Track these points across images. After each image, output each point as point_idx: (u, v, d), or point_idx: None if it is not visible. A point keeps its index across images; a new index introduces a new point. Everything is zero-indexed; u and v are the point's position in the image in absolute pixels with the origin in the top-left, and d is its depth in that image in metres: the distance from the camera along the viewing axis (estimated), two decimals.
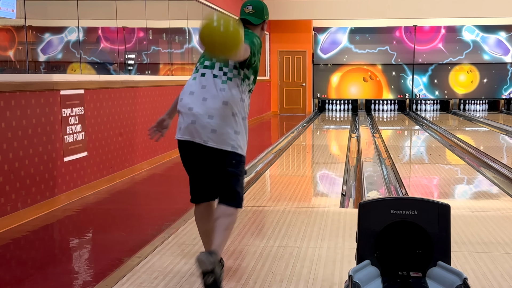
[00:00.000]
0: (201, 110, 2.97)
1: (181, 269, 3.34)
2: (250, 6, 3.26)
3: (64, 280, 3.37)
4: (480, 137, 11.36)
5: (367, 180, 6.28)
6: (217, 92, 2.98)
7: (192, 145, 3.06)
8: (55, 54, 6.09)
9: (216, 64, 3.05)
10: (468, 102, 17.78)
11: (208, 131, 2.96)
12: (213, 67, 3.05)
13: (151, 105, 7.30)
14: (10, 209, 4.43)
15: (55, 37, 6.03)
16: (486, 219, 4.49)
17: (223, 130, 2.98)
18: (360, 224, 2.28)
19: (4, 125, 4.37)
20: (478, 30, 16.96)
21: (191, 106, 3.00)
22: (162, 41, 8.70)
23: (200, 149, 3.04)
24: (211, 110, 2.96)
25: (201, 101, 2.99)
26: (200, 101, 2.99)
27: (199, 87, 3.03)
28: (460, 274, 2.12)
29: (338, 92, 17.64)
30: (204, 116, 2.96)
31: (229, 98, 2.98)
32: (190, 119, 2.99)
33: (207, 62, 3.08)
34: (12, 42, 5.21)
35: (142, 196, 5.89)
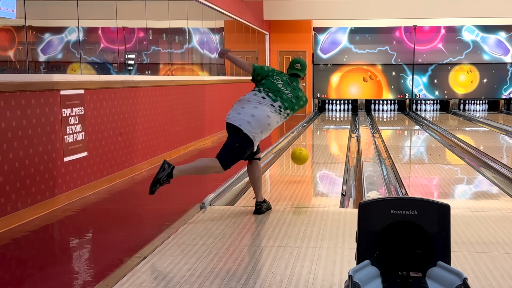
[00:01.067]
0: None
1: (181, 269, 3.35)
2: (299, 64, 4.75)
3: (64, 280, 3.37)
4: (480, 137, 11.36)
5: (367, 180, 6.29)
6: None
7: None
8: (55, 54, 6.09)
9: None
10: (468, 102, 17.78)
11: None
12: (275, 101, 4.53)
13: (151, 105, 7.30)
14: (10, 209, 4.43)
15: (55, 37, 6.03)
16: (486, 219, 4.50)
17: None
18: (360, 224, 2.29)
19: (4, 125, 4.37)
20: (478, 30, 16.97)
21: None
22: (162, 41, 8.70)
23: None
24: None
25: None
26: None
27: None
28: (460, 274, 2.12)
29: (338, 92, 17.64)
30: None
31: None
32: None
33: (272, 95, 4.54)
34: (12, 42, 5.20)
35: (142, 196, 5.89)
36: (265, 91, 4.52)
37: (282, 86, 4.58)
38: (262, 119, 4.40)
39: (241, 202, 5.26)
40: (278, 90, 4.54)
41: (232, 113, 4.47)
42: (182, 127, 8.51)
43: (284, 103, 4.51)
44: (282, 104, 4.50)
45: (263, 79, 4.65)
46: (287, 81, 4.63)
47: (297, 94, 4.61)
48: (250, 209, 4.80)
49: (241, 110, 4.44)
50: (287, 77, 4.67)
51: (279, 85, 4.58)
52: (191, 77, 9.72)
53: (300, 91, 4.66)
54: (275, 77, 4.64)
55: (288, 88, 4.58)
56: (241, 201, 5.29)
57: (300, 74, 4.72)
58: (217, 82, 11.11)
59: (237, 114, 4.43)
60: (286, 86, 4.59)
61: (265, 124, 4.41)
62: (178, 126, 8.35)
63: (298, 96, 4.61)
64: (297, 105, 4.59)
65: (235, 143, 4.39)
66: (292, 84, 4.63)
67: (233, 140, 4.41)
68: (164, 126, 7.79)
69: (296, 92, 4.61)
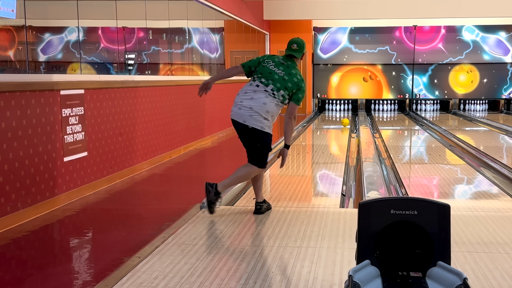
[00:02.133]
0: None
1: (181, 269, 3.34)
2: (295, 44, 4.56)
3: (64, 280, 3.38)
4: (480, 137, 11.36)
5: (367, 180, 6.28)
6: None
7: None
8: (55, 54, 6.09)
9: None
10: (468, 102, 17.78)
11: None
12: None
13: (151, 105, 7.30)
14: (10, 209, 4.43)
15: (55, 37, 6.03)
16: (486, 219, 4.49)
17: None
18: (360, 224, 2.28)
19: (4, 125, 4.37)
20: (478, 30, 16.97)
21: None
22: (162, 41, 8.70)
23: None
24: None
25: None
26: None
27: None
28: (460, 274, 2.12)
29: (338, 92, 17.64)
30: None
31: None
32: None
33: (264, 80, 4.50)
34: (12, 42, 5.20)
35: (142, 196, 5.89)
36: (258, 78, 4.49)
37: (274, 67, 4.49)
38: (259, 108, 4.39)
39: (241, 202, 5.25)
40: (269, 72, 4.48)
41: (234, 109, 4.51)
42: (182, 127, 8.51)
43: (276, 84, 4.43)
44: (274, 85, 4.42)
45: (256, 67, 4.59)
46: (280, 61, 4.54)
47: (289, 71, 4.48)
48: (250, 209, 4.80)
49: (240, 105, 4.46)
50: (280, 58, 4.58)
51: (271, 67, 4.50)
52: (191, 77, 9.72)
53: (293, 69, 4.52)
54: (266, 61, 4.56)
55: (280, 68, 4.49)
56: (241, 201, 5.29)
57: (296, 54, 4.57)
58: (217, 82, 11.09)
59: (238, 110, 4.46)
60: (279, 66, 4.51)
61: (264, 111, 4.40)
62: (178, 126, 8.35)
63: (291, 73, 4.47)
64: (290, 82, 4.44)
65: (256, 143, 4.46)
66: (285, 64, 4.52)
67: (252, 142, 4.47)
68: (164, 126, 7.79)
69: (289, 69, 4.49)
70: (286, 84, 4.45)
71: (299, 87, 4.48)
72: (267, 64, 4.53)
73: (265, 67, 4.52)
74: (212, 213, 4.50)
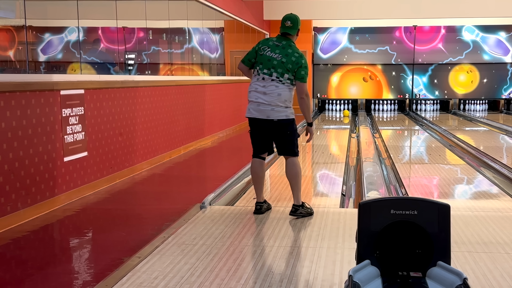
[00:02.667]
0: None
1: (181, 269, 3.35)
2: (289, 21, 4.51)
3: (64, 280, 3.37)
4: (480, 137, 11.36)
5: (367, 180, 6.28)
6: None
7: None
8: (55, 54, 6.09)
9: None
10: (468, 102, 17.78)
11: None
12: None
13: (151, 105, 7.30)
14: (10, 209, 4.43)
15: (55, 37, 6.03)
16: (486, 219, 4.50)
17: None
18: (360, 224, 2.28)
19: (4, 125, 4.37)
20: (478, 30, 16.97)
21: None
22: (162, 41, 8.70)
23: None
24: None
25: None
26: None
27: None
28: (460, 274, 2.12)
29: (338, 92, 17.64)
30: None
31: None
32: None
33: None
34: (12, 42, 5.20)
35: (142, 196, 5.89)
36: (260, 70, 4.46)
37: (270, 53, 4.44)
38: (276, 100, 4.41)
39: (241, 202, 5.26)
40: (268, 60, 4.44)
41: (252, 107, 4.49)
42: (182, 127, 8.51)
43: (277, 69, 4.41)
44: (277, 72, 4.41)
45: (255, 58, 4.54)
46: (274, 44, 4.48)
47: (286, 52, 4.43)
48: (250, 209, 4.80)
49: (258, 102, 4.45)
50: (274, 40, 4.51)
51: (268, 53, 4.45)
52: (191, 77, 9.73)
53: (289, 48, 4.45)
54: (262, 48, 4.50)
55: (276, 51, 4.43)
56: (241, 201, 5.29)
57: (290, 31, 4.51)
58: (217, 82, 11.11)
59: (257, 107, 4.46)
60: (275, 50, 4.44)
61: (282, 101, 4.43)
62: (178, 126, 8.35)
63: (288, 53, 4.41)
64: (289, 63, 4.39)
65: (285, 133, 4.51)
66: (280, 45, 4.46)
67: (281, 134, 4.51)
68: (164, 126, 7.79)
69: (285, 50, 4.43)
70: (287, 66, 4.40)
71: (299, 65, 4.42)
72: (264, 52, 4.47)
73: (263, 55, 4.47)
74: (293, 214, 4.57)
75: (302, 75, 4.44)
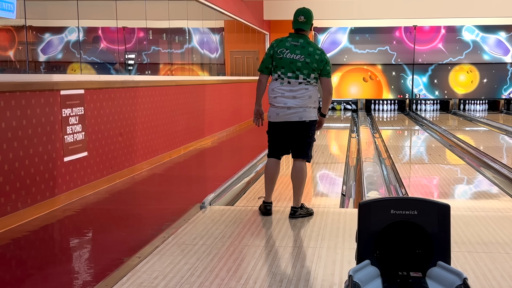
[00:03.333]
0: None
1: (181, 269, 3.35)
2: (302, 16, 4.36)
3: (64, 280, 3.37)
4: (480, 137, 11.36)
5: (367, 180, 6.28)
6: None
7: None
8: (55, 54, 6.09)
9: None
10: (468, 102, 17.79)
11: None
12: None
13: (151, 105, 7.30)
14: (10, 209, 4.43)
15: (55, 37, 6.04)
16: (486, 219, 4.49)
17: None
18: (360, 224, 2.28)
19: (4, 125, 4.37)
20: (478, 30, 16.97)
21: None
22: (162, 41, 8.70)
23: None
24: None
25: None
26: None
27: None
28: (460, 274, 2.12)
29: (338, 92, 17.64)
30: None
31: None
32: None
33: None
34: (12, 42, 5.21)
35: (142, 196, 5.89)
36: (283, 74, 4.32)
37: (290, 54, 4.30)
38: (308, 102, 4.35)
39: (241, 202, 5.26)
40: (290, 62, 4.30)
41: (280, 112, 4.37)
42: (182, 127, 8.51)
43: (303, 71, 4.29)
44: (303, 73, 4.29)
45: (272, 62, 4.39)
46: (292, 45, 4.33)
47: (307, 51, 4.30)
48: (250, 209, 4.80)
49: (287, 107, 4.34)
50: (290, 41, 4.36)
51: (288, 55, 4.30)
52: (191, 77, 9.73)
53: (310, 46, 4.33)
54: (279, 51, 4.34)
55: (296, 52, 4.30)
56: (241, 201, 5.29)
57: (304, 27, 4.36)
58: (217, 82, 11.11)
59: (287, 111, 4.35)
60: (294, 51, 4.30)
61: (312, 102, 4.38)
62: (178, 126, 8.35)
63: (310, 53, 4.29)
64: (313, 62, 4.29)
65: (308, 134, 4.43)
66: (298, 44, 4.32)
67: (305, 135, 4.42)
68: (164, 126, 7.79)
69: (305, 50, 4.30)
70: (312, 66, 4.30)
71: (325, 61, 4.35)
72: (283, 55, 4.32)
73: (283, 59, 4.32)
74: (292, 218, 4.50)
75: (328, 70, 4.37)
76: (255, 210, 4.81)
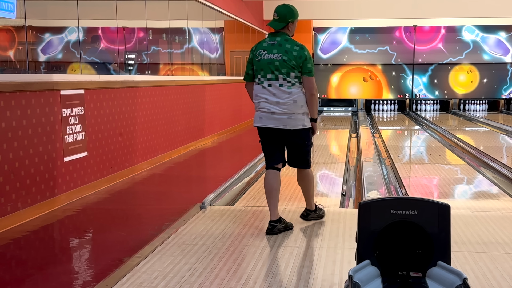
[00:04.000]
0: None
1: (181, 269, 3.35)
2: (276, 13, 4.05)
3: (64, 280, 3.37)
4: (480, 137, 11.36)
5: (367, 180, 6.28)
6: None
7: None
8: (55, 54, 6.09)
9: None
10: (468, 102, 17.79)
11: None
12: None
13: (151, 105, 7.30)
14: (10, 209, 4.43)
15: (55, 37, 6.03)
16: (486, 219, 4.49)
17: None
18: (360, 224, 2.28)
19: (4, 125, 4.37)
20: (478, 30, 16.97)
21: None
22: (162, 41, 8.70)
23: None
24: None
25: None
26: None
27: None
28: (460, 274, 2.12)
29: (338, 92, 17.64)
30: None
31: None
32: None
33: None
34: (12, 42, 5.21)
35: (142, 196, 5.89)
36: (263, 77, 4.02)
37: (268, 55, 3.99)
38: (293, 107, 3.98)
39: (241, 202, 5.26)
40: (268, 63, 3.98)
41: (264, 116, 4.06)
42: (182, 127, 8.51)
43: (282, 70, 3.96)
44: (282, 73, 3.96)
45: (253, 67, 4.10)
46: (269, 44, 4.03)
47: (284, 49, 3.97)
48: (250, 209, 4.80)
49: (270, 112, 4.02)
50: (267, 40, 4.06)
51: (265, 56, 4.00)
52: (191, 77, 9.73)
53: (287, 43, 4.00)
54: (257, 54, 4.05)
55: (274, 51, 3.98)
56: (241, 201, 5.29)
57: (276, 26, 4.04)
58: (217, 82, 11.11)
59: (271, 115, 4.02)
60: (271, 50, 3.99)
61: (299, 107, 4.00)
62: (178, 126, 8.35)
63: (287, 50, 3.96)
64: (292, 59, 3.94)
65: (303, 143, 4.13)
66: (275, 43, 4.00)
67: (298, 144, 4.13)
68: (164, 126, 7.79)
69: (282, 47, 3.98)
70: (290, 64, 3.96)
71: (303, 58, 3.97)
72: (261, 56, 4.02)
73: (260, 61, 4.02)
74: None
75: (309, 68, 3.99)
76: (255, 210, 4.81)
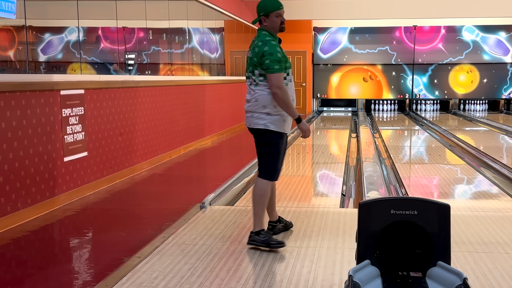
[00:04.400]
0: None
1: (181, 269, 3.35)
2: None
3: (64, 280, 3.38)
4: (480, 137, 11.36)
5: (367, 180, 6.28)
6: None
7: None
8: (55, 54, 6.09)
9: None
10: (468, 102, 17.78)
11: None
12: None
13: (151, 105, 7.30)
14: (10, 209, 4.43)
15: (55, 37, 6.03)
16: (486, 219, 4.50)
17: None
18: (360, 224, 2.28)
19: (4, 125, 4.37)
20: (478, 30, 16.96)
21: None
22: (162, 41, 8.70)
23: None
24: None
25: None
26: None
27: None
28: (460, 274, 2.12)
29: (338, 92, 17.64)
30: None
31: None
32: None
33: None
34: (12, 42, 5.20)
35: (142, 196, 5.89)
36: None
37: (249, 54, 3.87)
38: (255, 106, 3.76)
39: (241, 202, 5.26)
40: (247, 62, 3.87)
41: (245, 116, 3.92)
42: (182, 127, 8.51)
43: (248, 67, 3.81)
44: (248, 70, 3.82)
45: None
46: (252, 43, 3.90)
47: (253, 45, 3.81)
48: (250, 209, 4.79)
49: (246, 111, 3.89)
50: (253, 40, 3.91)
51: (249, 54, 3.88)
52: (191, 77, 9.72)
53: (257, 39, 3.84)
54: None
55: (250, 49, 3.87)
56: (241, 201, 5.29)
57: (253, 22, 4.01)
58: (217, 82, 11.11)
59: (246, 115, 3.89)
60: (249, 48, 3.89)
61: (260, 107, 3.73)
62: (178, 126, 8.35)
63: (254, 46, 3.79)
64: (254, 56, 3.73)
65: (260, 146, 3.85)
66: (253, 41, 3.88)
67: (257, 146, 3.87)
68: (164, 126, 7.79)
69: (252, 44, 3.85)
70: (253, 61, 3.74)
71: (261, 53, 3.69)
72: (248, 55, 3.91)
73: (247, 59, 3.90)
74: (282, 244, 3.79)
75: (268, 64, 3.64)
76: None
